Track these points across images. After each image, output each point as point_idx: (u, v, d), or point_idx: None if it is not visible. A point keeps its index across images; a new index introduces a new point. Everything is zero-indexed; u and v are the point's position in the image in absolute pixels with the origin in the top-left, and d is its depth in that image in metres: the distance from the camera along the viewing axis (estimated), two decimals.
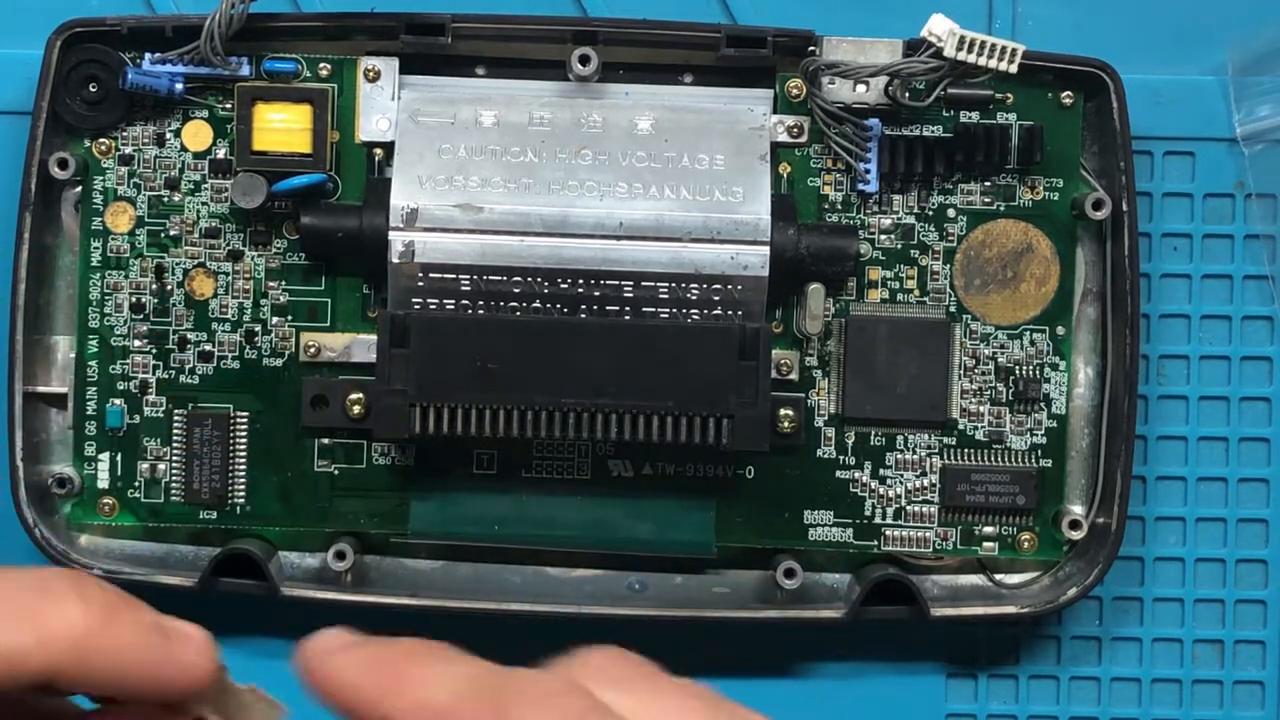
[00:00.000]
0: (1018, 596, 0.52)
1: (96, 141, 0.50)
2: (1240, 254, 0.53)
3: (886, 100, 0.50)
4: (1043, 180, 0.51)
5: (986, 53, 0.47)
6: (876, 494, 0.52)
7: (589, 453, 0.51)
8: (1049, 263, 0.51)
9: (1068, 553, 0.52)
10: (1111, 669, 0.54)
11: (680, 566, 0.52)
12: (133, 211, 0.51)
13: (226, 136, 0.50)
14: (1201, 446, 0.54)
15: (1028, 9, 0.53)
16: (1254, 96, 0.53)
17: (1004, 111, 0.51)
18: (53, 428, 0.52)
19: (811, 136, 0.51)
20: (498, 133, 0.49)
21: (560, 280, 0.49)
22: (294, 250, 0.51)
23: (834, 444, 0.51)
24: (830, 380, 0.51)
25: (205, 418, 0.51)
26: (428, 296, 0.48)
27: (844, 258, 0.50)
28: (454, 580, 0.52)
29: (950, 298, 0.51)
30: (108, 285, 0.51)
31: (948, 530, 0.52)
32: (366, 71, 0.50)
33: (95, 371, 0.51)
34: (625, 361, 0.48)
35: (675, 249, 0.49)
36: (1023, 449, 0.52)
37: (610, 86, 0.51)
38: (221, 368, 0.51)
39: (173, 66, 0.49)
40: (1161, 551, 0.54)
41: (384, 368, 0.48)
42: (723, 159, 0.49)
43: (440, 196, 0.49)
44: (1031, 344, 0.51)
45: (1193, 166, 0.53)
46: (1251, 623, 0.54)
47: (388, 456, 0.51)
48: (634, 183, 0.49)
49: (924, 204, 0.51)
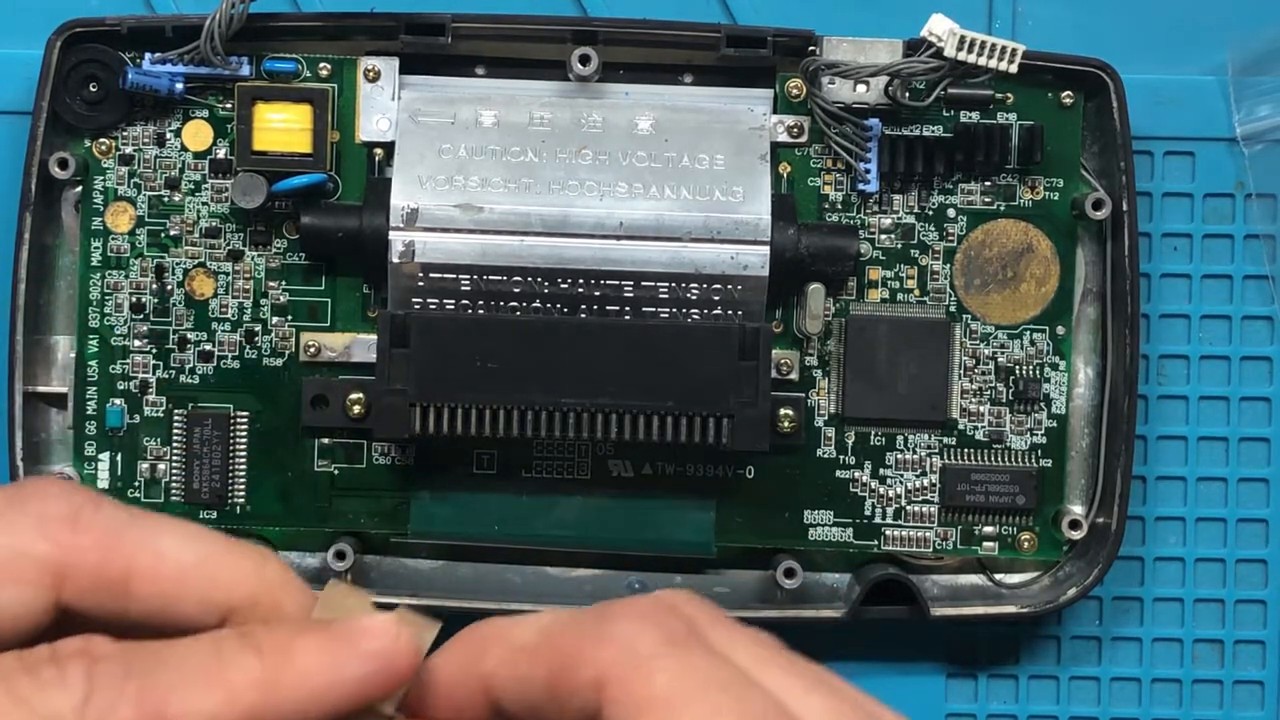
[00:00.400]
0: (1018, 596, 0.52)
1: (96, 141, 0.50)
2: (1240, 254, 0.53)
3: (886, 100, 0.50)
4: (1043, 180, 0.51)
5: (986, 53, 0.47)
6: (876, 494, 0.52)
7: (589, 453, 0.51)
8: (1049, 263, 0.51)
9: (1068, 553, 0.52)
10: (1111, 669, 0.54)
11: (680, 566, 0.52)
12: (133, 211, 0.51)
13: (226, 136, 0.50)
14: (1201, 446, 0.54)
15: (1028, 9, 0.53)
16: (1254, 96, 0.53)
17: (1004, 111, 0.51)
18: (53, 428, 0.52)
19: (811, 136, 0.51)
20: (498, 133, 0.49)
21: (560, 280, 0.49)
22: (294, 250, 0.51)
23: (834, 444, 0.51)
24: (830, 380, 0.51)
25: (205, 418, 0.51)
26: (428, 296, 0.48)
27: (844, 257, 0.50)
28: (454, 580, 0.52)
29: (950, 297, 0.51)
30: (108, 285, 0.51)
31: (948, 530, 0.52)
32: (366, 71, 0.50)
33: (95, 371, 0.51)
34: (625, 361, 0.48)
35: (675, 249, 0.49)
36: (1023, 449, 0.52)
37: (610, 86, 0.51)
38: (221, 368, 0.51)
39: (173, 66, 0.49)
40: (1161, 551, 0.54)
41: (384, 368, 0.48)
42: (723, 159, 0.49)
43: (440, 196, 0.49)
44: (1031, 344, 0.51)
45: (1193, 166, 0.53)
46: (1251, 623, 0.54)
47: (388, 456, 0.51)
48: (634, 183, 0.49)
49: (924, 204, 0.51)
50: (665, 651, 0.27)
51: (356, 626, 0.29)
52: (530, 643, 0.29)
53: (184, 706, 0.27)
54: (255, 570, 0.29)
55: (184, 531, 0.29)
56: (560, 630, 0.28)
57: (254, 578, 0.29)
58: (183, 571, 0.29)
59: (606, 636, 0.28)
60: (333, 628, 0.29)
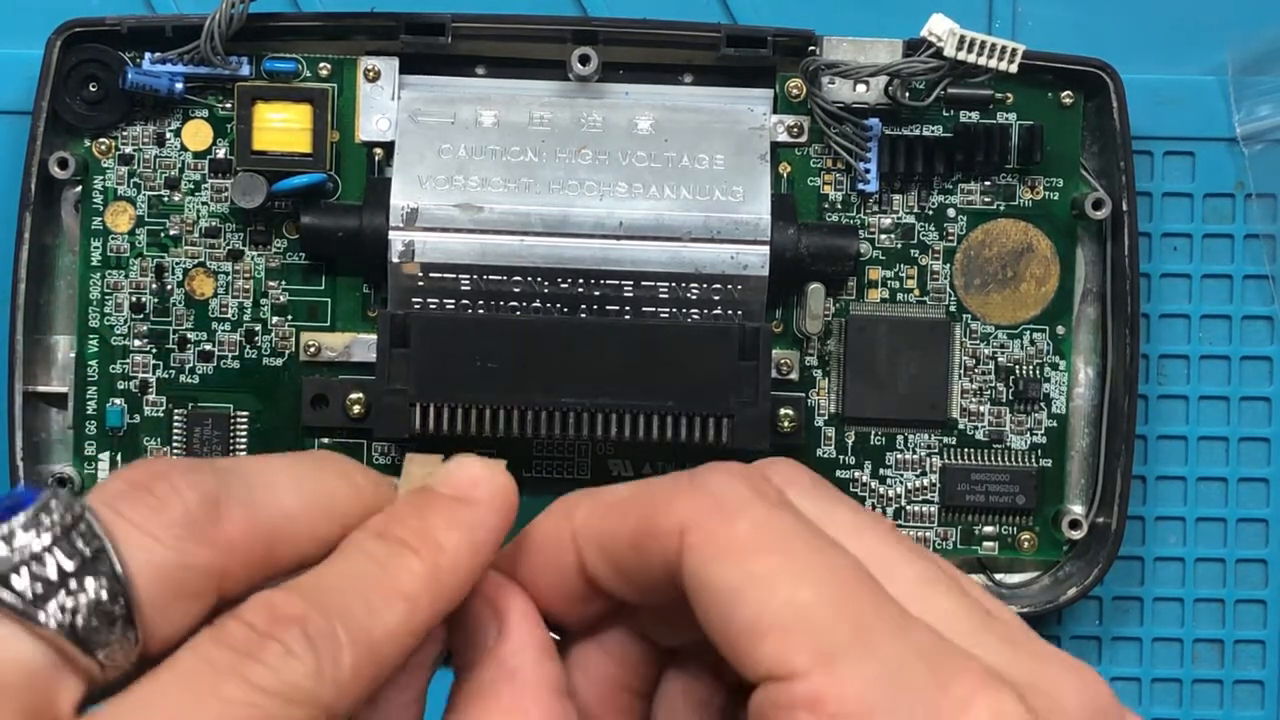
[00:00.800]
0: (1018, 596, 0.52)
1: (96, 141, 0.50)
2: (1240, 254, 0.53)
3: (886, 100, 0.50)
4: (1043, 180, 0.51)
5: (986, 53, 0.47)
6: (876, 494, 0.52)
7: (589, 453, 0.51)
8: (1049, 263, 0.51)
9: (1068, 552, 0.52)
10: (1111, 669, 0.54)
11: None
12: (133, 211, 0.51)
13: (226, 136, 0.50)
14: (1201, 446, 0.54)
15: (1028, 9, 0.53)
16: (1254, 96, 0.53)
17: (1004, 111, 0.51)
18: (53, 427, 0.52)
19: (811, 136, 0.51)
20: (498, 132, 0.49)
21: (560, 280, 0.49)
22: (294, 250, 0.51)
23: (834, 443, 0.51)
24: (830, 380, 0.51)
25: (205, 417, 0.51)
26: (428, 296, 0.48)
27: (844, 257, 0.50)
28: None
29: (950, 297, 0.51)
30: (108, 285, 0.51)
31: (948, 530, 0.52)
32: (366, 71, 0.50)
33: (95, 371, 0.51)
34: (625, 361, 0.48)
35: (675, 249, 0.49)
36: (1023, 449, 0.52)
37: (610, 86, 0.51)
38: (221, 367, 0.51)
39: (173, 66, 0.49)
40: (1161, 551, 0.54)
41: (384, 367, 0.48)
42: (723, 159, 0.49)
43: (440, 196, 0.49)
44: (1031, 344, 0.51)
45: (1193, 166, 0.53)
46: (1251, 623, 0.54)
47: (388, 456, 0.51)
48: (634, 182, 0.49)
49: (924, 204, 0.51)
50: (753, 503, 0.27)
51: (459, 482, 0.29)
52: (620, 498, 0.29)
53: (385, 629, 0.27)
54: (349, 484, 0.29)
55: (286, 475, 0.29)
56: (650, 484, 0.28)
57: (352, 493, 0.29)
58: (312, 522, 0.28)
59: (696, 487, 0.27)
60: (442, 496, 0.29)
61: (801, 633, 0.25)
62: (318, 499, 0.29)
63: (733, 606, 0.26)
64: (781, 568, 0.26)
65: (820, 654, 0.25)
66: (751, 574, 0.26)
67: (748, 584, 0.26)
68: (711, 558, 0.26)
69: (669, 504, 0.27)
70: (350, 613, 0.27)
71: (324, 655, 0.26)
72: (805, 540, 0.27)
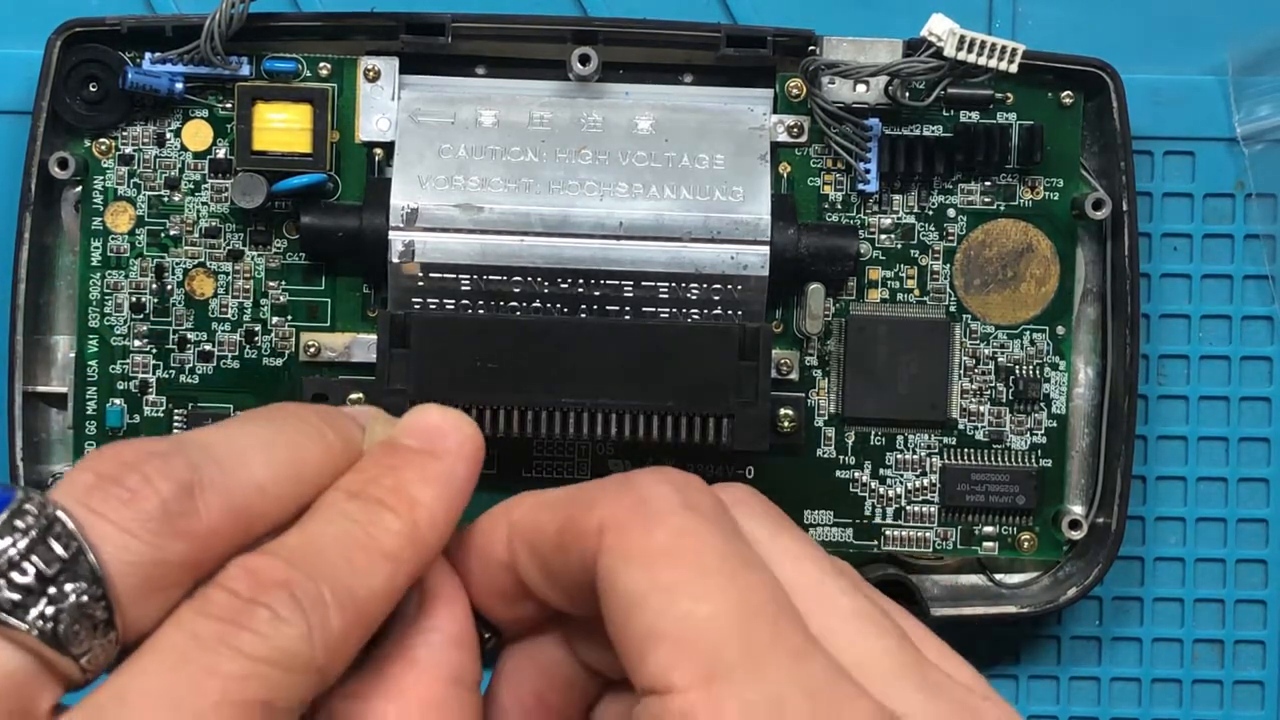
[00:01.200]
0: (1018, 596, 0.52)
1: (96, 141, 0.50)
2: (1240, 254, 0.53)
3: (886, 100, 0.50)
4: (1043, 180, 0.51)
5: (986, 52, 0.47)
6: (876, 494, 0.52)
7: (589, 453, 0.51)
8: (1049, 263, 0.51)
9: (1068, 553, 0.52)
10: (1111, 669, 0.54)
11: None
12: (133, 211, 0.51)
13: (226, 136, 0.50)
14: (1201, 446, 0.54)
15: (1028, 9, 0.53)
16: (1254, 96, 0.53)
17: (1004, 111, 0.51)
18: (53, 428, 0.52)
19: (811, 136, 0.51)
20: (498, 132, 0.49)
21: (560, 280, 0.49)
22: (294, 250, 0.51)
23: (834, 444, 0.51)
24: (830, 380, 0.51)
25: (205, 418, 0.51)
26: (428, 296, 0.48)
27: (844, 257, 0.50)
28: None
29: (950, 297, 0.51)
30: (108, 285, 0.51)
31: (948, 530, 0.52)
32: (366, 71, 0.50)
33: (95, 371, 0.51)
34: (625, 361, 0.48)
35: (675, 249, 0.49)
36: (1023, 449, 0.52)
37: (610, 86, 0.51)
38: (221, 367, 0.51)
39: (173, 66, 0.49)
40: (1161, 551, 0.54)
41: (384, 368, 0.48)
42: (723, 159, 0.49)
43: (440, 196, 0.49)
44: (1031, 344, 0.51)
45: (1193, 166, 0.53)
46: (1251, 623, 0.54)
47: None
48: (634, 182, 0.49)
49: (924, 204, 0.51)
50: (676, 511, 0.26)
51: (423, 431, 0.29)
52: (555, 496, 0.28)
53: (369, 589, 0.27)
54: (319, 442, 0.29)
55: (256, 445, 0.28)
56: (585, 485, 0.28)
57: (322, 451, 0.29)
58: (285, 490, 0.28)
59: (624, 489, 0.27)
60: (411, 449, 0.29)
61: (689, 648, 0.25)
62: (289, 466, 0.28)
63: (632, 613, 0.25)
64: (687, 580, 0.25)
65: (703, 672, 0.24)
66: (656, 581, 0.25)
67: (651, 591, 0.25)
68: (623, 560, 0.26)
69: (594, 503, 0.27)
70: (335, 575, 0.26)
71: (314, 618, 0.26)
72: (722, 556, 0.26)
